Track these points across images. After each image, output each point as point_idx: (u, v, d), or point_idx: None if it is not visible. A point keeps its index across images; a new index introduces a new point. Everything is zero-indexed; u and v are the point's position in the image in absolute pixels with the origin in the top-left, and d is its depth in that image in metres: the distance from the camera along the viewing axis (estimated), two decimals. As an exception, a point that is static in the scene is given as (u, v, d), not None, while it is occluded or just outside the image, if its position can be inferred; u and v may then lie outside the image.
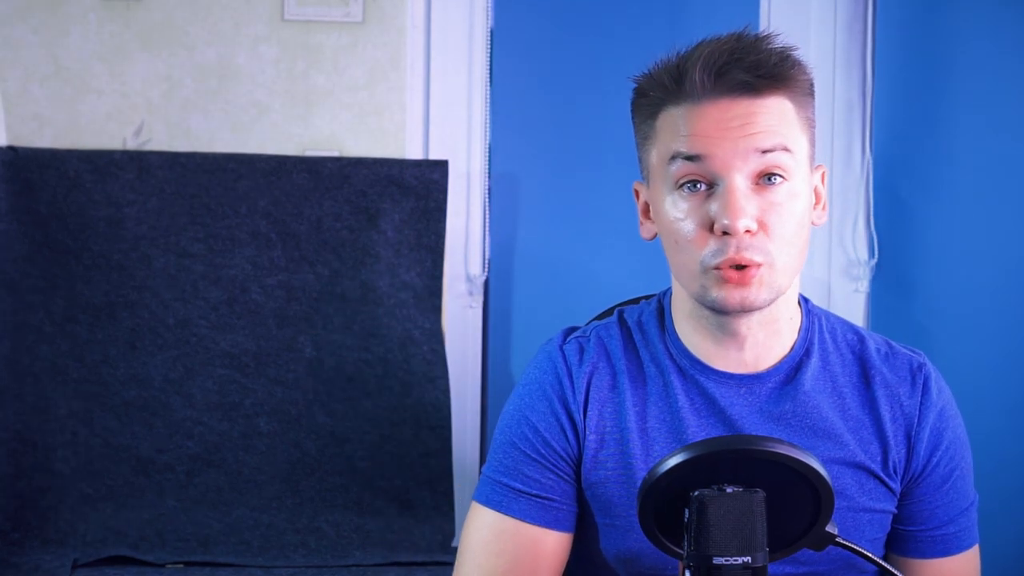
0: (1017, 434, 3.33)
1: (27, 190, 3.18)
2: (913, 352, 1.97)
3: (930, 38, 3.47)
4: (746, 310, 1.84)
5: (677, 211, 1.84)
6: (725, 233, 1.80)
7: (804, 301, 1.97)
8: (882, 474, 1.91)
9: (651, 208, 1.91)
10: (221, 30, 3.30)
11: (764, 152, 1.81)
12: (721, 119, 1.82)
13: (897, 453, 1.92)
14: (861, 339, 1.97)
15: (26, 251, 3.18)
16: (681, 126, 1.83)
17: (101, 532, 3.12)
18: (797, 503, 1.59)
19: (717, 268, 1.81)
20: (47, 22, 3.25)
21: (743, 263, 1.80)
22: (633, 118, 1.93)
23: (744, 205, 1.80)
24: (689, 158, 1.82)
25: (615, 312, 2.04)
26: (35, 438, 3.14)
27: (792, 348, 1.93)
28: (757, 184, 1.82)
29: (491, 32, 3.46)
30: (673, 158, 1.83)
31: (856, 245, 3.54)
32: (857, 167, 3.53)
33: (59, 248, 3.19)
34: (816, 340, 1.95)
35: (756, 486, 1.52)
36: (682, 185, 1.83)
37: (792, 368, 1.92)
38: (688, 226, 1.83)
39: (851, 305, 3.54)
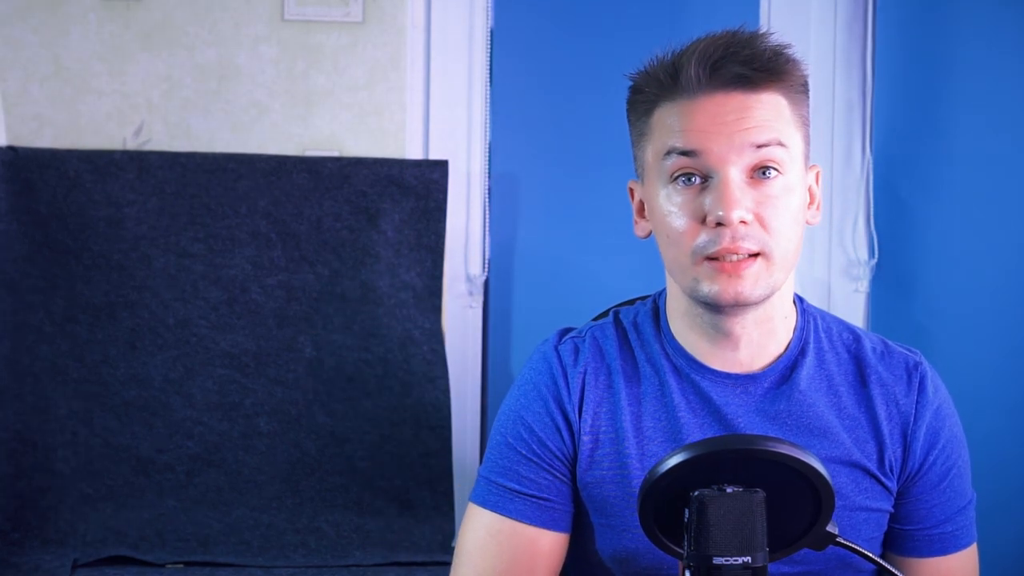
0: (1017, 434, 3.33)
1: (27, 190, 3.18)
2: (909, 351, 1.98)
3: (930, 38, 3.47)
4: (740, 304, 1.84)
5: (671, 204, 1.84)
6: (719, 224, 1.80)
7: (799, 300, 1.97)
8: (878, 473, 1.91)
9: (646, 205, 1.92)
10: (221, 30, 3.29)
11: (759, 147, 1.82)
12: (717, 113, 1.82)
13: (893, 452, 1.92)
14: (857, 338, 1.98)
15: (26, 251, 3.18)
16: (676, 121, 1.84)
17: (101, 532, 3.12)
18: (797, 503, 1.59)
19: (710, 259, 1.82)
20: (47, 22, 3.25)
21: (738, 252, 1.81)
22: (628, 116, 1.93)
23: (739, 197, 1.80)
24: (684, 153, 1.83)
25: (610, 313, 2.04)
26: (35, 438, 3.14)
27: (787, 347, 1.93)
28: (751, 178, 1.82)
29: (491, 32, 3.46)
30: (668, 153, 1.84)
31: (856, 245, 3.54)
32: (857, 167, 3.53)
33: (59, 248, 3.18)
34: (811, 339, 1.95)
35: (756, 486, 1.53)
36: (676, 178, 1.84)
37: (788, 367, 1.93)
38: (680, 219, 1.83)
39: (851, 305, 3.53)
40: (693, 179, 1.83)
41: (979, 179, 3.42)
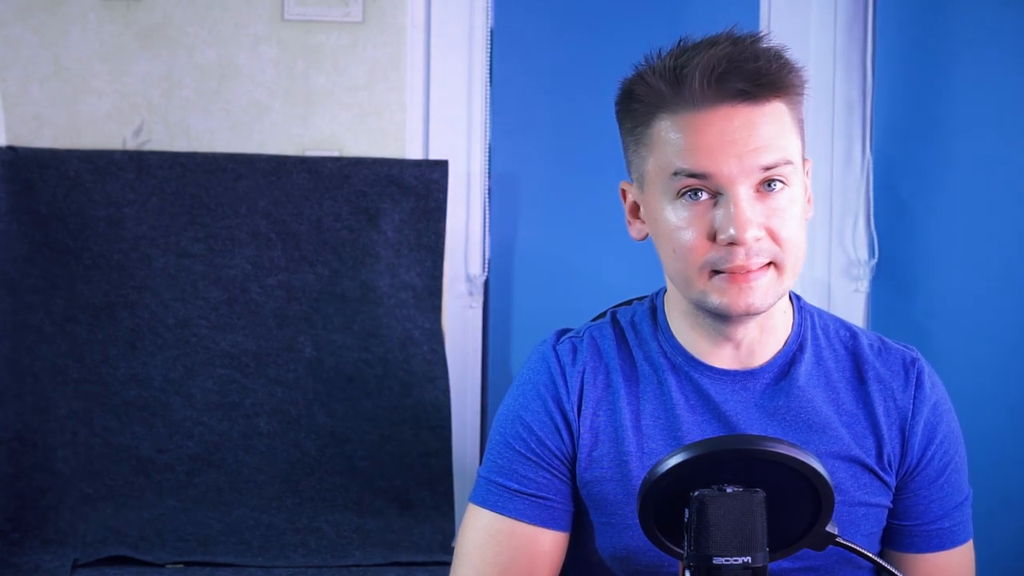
0: (1017, 433, 3.33)
1: (27, 190, 3.17)
2: (906, 347, 1.98)
3: (930, 38, 3.47)
4: (751, 315, 1.85)
5: (677, 219, 1.84)
6: (732, 243, 1.81)
7: (796, 298, 1.98)
8: (877, 468, 1.92)
9: (643, 210, 1.92)
10: (221, 30, 3.29)
11: (767, 168, 1.82)
12: (723, 130, 1.81)
13: (891, 447, 1.92)
14: (854, 335, 1.98)
15: (26, 251, 3.17)
16: (681, 138, 1.83)
17: (101, 532, 3.11)
18: (797, 503, 1.59)
19: (720, 272, 1.82)
20: (47, 22, 3.25)
21: (752, 269, 1.81)
22: (621, 120, 1.92)
23: (751, 216, 1.80)
24: (693, 175, 1.82)
25: (608, 313, 2.05)
26: (35, 438, 3.13)
27: (785, 343, 1.94)
28: (758, 191, 1.82)
29: (491, 32, 3.45)
30: (676, 174, 1.83)
31: (856, 245, 3.54)
32: (857, 167, 3.53)
33: (59, 248, 3.18)
34: (809, 335, 1.96)
35: (756, 486, 1.53)
36: (683, 194, 1.84)
37: (786, 363, 1.93)
38: (688, 234, 1.83)
39: (851, 305, 3.53)
40: (700, 195, 1.82)
41: (979, 179, 3.42)
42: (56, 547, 3.08)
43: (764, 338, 1.92)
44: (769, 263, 1.83)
